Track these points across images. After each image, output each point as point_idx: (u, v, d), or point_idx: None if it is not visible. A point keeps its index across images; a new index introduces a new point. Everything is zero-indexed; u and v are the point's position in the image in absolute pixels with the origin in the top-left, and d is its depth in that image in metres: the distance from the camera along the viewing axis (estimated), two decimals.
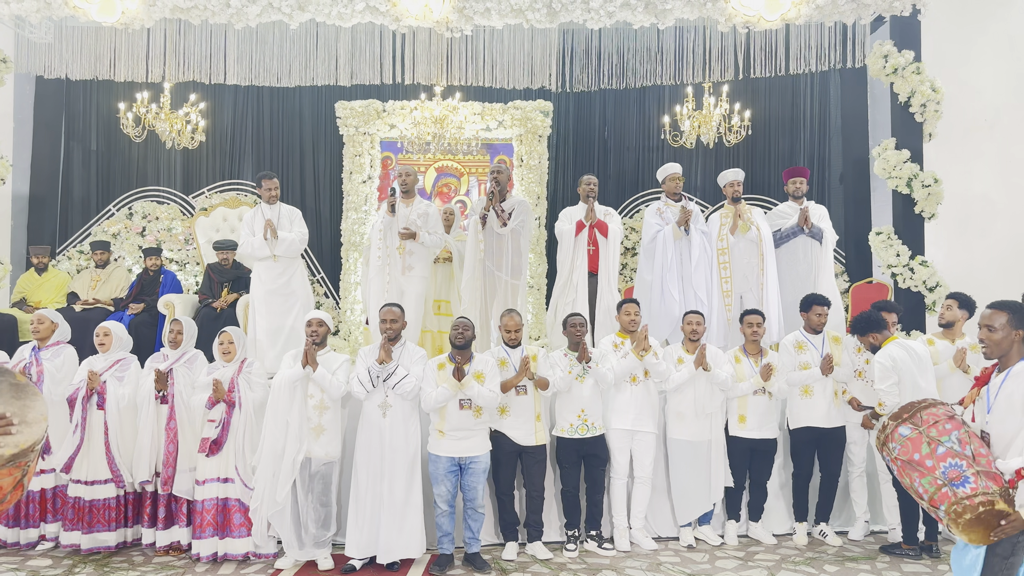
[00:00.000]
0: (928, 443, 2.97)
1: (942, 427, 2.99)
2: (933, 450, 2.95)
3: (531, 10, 6.46)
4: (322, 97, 8.66)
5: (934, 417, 3.03)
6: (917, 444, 2.99)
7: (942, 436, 2.96)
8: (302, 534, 4.75)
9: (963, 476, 2.86)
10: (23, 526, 4.93)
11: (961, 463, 2.89)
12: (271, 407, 4.78)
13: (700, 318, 5.40)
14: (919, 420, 3.04)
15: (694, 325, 5.35)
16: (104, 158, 8.75)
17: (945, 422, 3.00)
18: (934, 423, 3.01)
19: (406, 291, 5.98)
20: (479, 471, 4.79)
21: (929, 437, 2.98)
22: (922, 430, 3.01)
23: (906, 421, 3.07)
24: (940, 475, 2.90)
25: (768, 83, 8.48)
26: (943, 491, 2.88)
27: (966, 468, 2.87)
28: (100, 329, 5.14)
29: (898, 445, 3.06)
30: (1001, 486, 2.84)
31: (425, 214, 6.07)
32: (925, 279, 6.78)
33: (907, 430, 3.05)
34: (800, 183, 6.49)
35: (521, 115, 8.32)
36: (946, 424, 2.99)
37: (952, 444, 2.94)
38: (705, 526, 5.33)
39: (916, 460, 2.98)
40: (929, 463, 2.94)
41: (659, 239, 6.30)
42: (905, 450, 3.02)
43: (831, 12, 6.56)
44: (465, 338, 4.82)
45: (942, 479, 2.89)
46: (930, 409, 3.07)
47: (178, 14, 6.50)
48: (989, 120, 7.42)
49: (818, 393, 5.29)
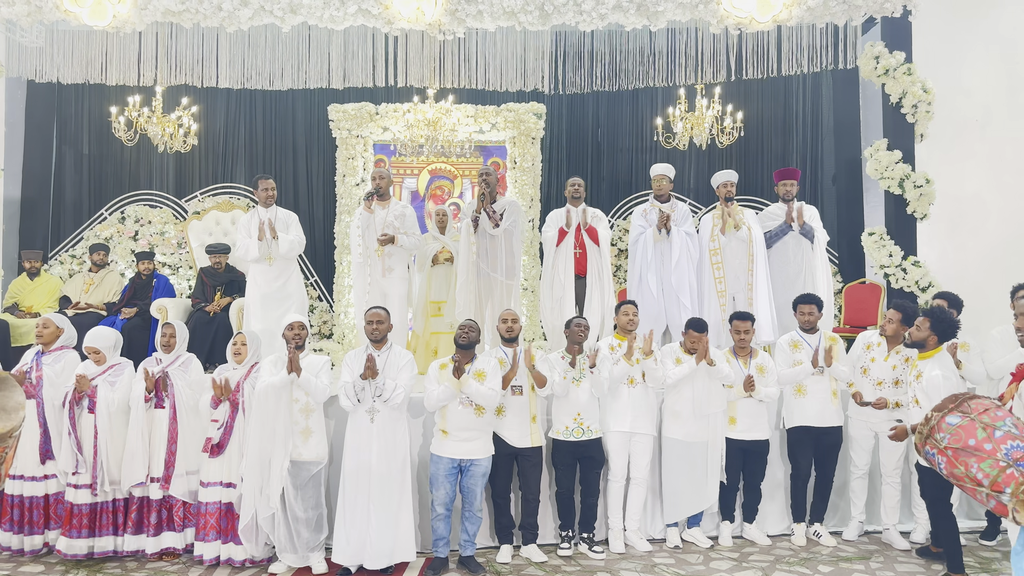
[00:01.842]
0: (983, 428, 2.95)
1: (993, 414, 2.97)
2: (990, 434, 2.92)
3: (523, 12, 6.47)
4: (315, 100, 8.66)
5: (983, 405, 3.02)
6: (971, 430, 2.97)
7: (996, 421, 2.95)
8: (295, 539, 4.73)
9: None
10: (27, 532, 4.89)
11: (1023, 444, 2.85)
12: (257, 414, 4.75)
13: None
14: (968, 408, 3.03)
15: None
16: (96, 162, 8.73)
17: (996, 410, 3.00)
18: (984, 410, 3.00)
19: (388, 293, 5.99)
20: (479, 474, 4.78)
21: (983, 423, 2.96)
22: (973, 417, 2.99)
23: (953, 411, 3.05)
24: (1003, 456, 2.87)
25: (760, 84, 8.50)
26: (1008, 472, 2.85)
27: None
28: (89, 350, 5.06)
29: (947, 435, 3.02)
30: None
31: (401, 215, 6.07)
32: (918, 279, 6.81)
33: (956, 419, 3.03)
34: (791, 185, 6.48)
35: (514, 117, 8.33)
36: (997, 412, 2.99)
37: (1009, 428, 2.92)
38: (695, 528, 5.31)
39: (972, 446, 2.94)
40: (988, 447, 2.91)
41: (640, 240, 6.34)
42: (957, 438, 2.99)
43: (822, 13, 6.59)
44: (469, 339, 4.82)
45: (1005, 460, 2.86)
46: (977, 399, 3.06)
47: (170, 17, 6.49)
48: (980, 120, 7.45)
49: (812, 392, 5.29)
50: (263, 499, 4.67)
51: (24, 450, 4.90)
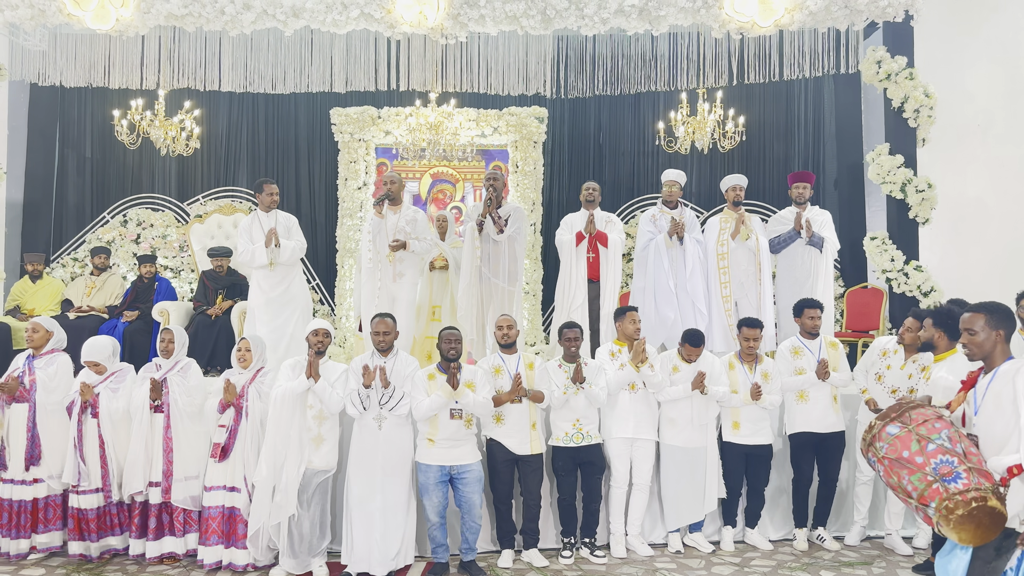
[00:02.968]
0: (918, 440, 2.96)
1: (931, 425, 2.98)
2: (923, 447, 2.93)
3: (525, 17, 6.48)
4: (317, 104, 8.66)
5: (923, 416, 3.03)
6: (906, 442, 2.98)
7: (932, 434, 2.95)
8: (296, 544, 4.72)
9: (955, 472, 2.85)
10: (13, 536, 4.87)
11: (952, 459, 2.87)
12: (272, 419, 4.74)
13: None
14: (907, 419, 3.04)
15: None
16: (99, 165, 8.74)
17: (935, 421, 3.00)
18: (923, 421, 3.01)
19: (397, 298, 5.95)
20: (473, 481, 4.76)
21: (919, 435, 2.97)
22: (911, 428, 3.00)
23: (894, 420, 3.06)
24: (931, 471, 2.88)
25: (762, 89, 8.51)
26: (934, 487, 2.86)
27: (957, 464, 2.86)
28: (87, 361, 5.02)
29: (886, 444, 3.04)
30: (992, 483, 2.83)
31: (413, 220, 6.03)
32: (920, 284, 6.80)
33: (895, 428, 3.04)
34: (804, 188, 6.47)
35: (516, 121, 8.33)
36: (935, 423, 2.99)
37: (942, 441, 2.93)
38: (697, 532, 5.30)
39: (905, 457, 2.96)
40: (919, 460, 2.92)
41: (651, 247, 6.30)
42: (893, 448, 3.01)
43: (824, 18, 6.59)
44: (458, 352, 4.79)
45: (932, 475, 2.88)
46: (919, 409, 3.07)
47: (172, 21, 6.50)
48: (982, 125, 7.45)
49: (814, 398, 5.28)
50: (275, 506, 4.66)
51: (13, 454, 4.91)
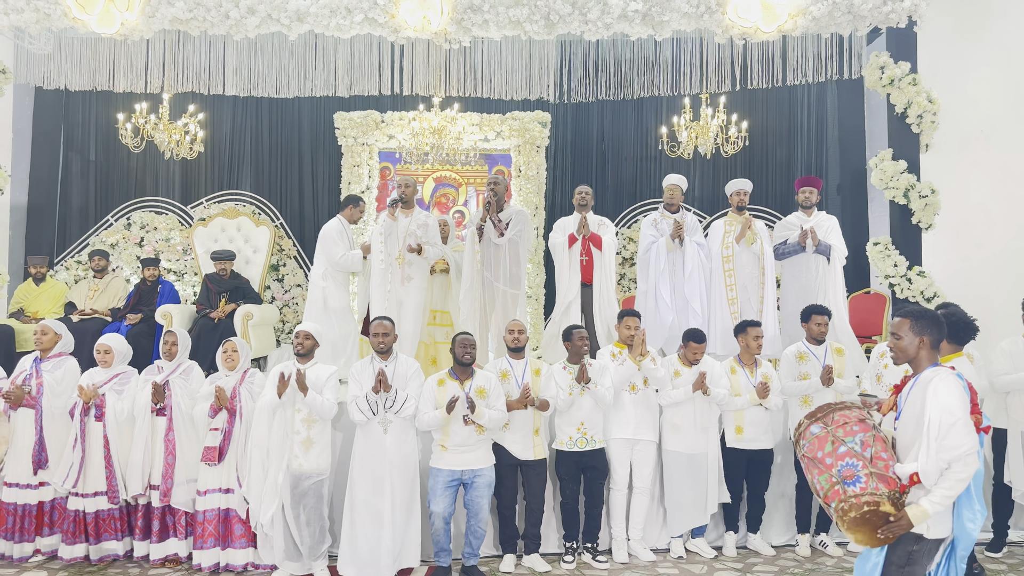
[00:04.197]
0: (832, 442, 3.05)
1: (849, 428, 3.07)
2: (835, 449, 3.03)
3: (529, 22, 6.49)
4: (320, 108, 8.68)
5: (844, 418, 3.11)
6: (823, 442, 3.08)
7: (847, 436, 3.04)
8: (296, 548, 4.72)
9: (856, 475, 2.94)
10: (17, 540, 4.88)
11: (857, 463, 2.96)
12: (254, 429, 4.78)
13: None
14: (830, 420, 3.13)
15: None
16: (103, 168, 8.75)
17: (854, 424, 3.08)
18: (843, 423, 3.09)
19: (405, 301, 5.96)
20: (483, 485, 4.75)
21: (835, 436, 3.06)
22: (830, 429, 3.10)
23: (818, 420, 3.16)
24: (835, 473, 2.99)
25: (765, 94, 8.51)
26: (835, 488, 2.97)
27: (860, 468, 2.95)
28: (100, 346, 5.11)
29: (807, 442, 3.15)
30: (892, 489, 2.90)
31: (424, 224, 6.06)
32: (923, 289, 6.79)
33: (817, 428, 3.14)
34: (810, 192, 6.51)
35: (519, 126, 8.34)
36: (854, 426, 3.07)
37: (854, 445, 3.01)
38: (699, 538, 5.30)
39: (818, 457, 3.07)
40: (828, 461, 3.03)
41: (653, 250, 6.35)
42: (812, 447, 3.11)
43: (827, 24, 6.60)
44: (472, 356, 4.82)
45: (836, 477, 2.98)
46: (843, 411, 3.15)
47: (177, 25, 6.52)
48: (985, 131, 7.44)
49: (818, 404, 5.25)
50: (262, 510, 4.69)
51: (20, 458, 4.92)
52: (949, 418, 2.84)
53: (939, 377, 2.95)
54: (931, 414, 2.87)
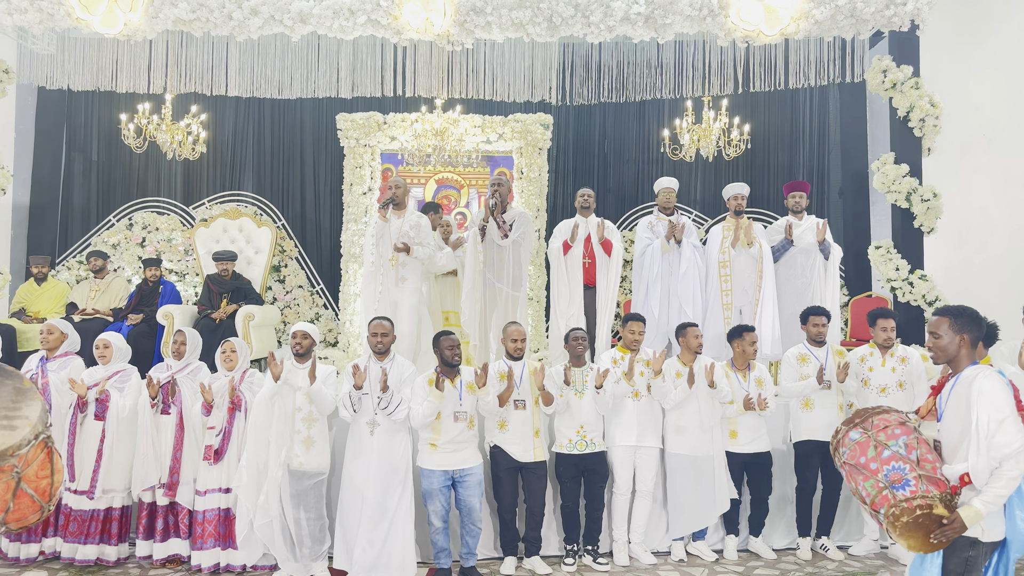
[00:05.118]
0: (875, 447, 3.00)
1: (891, 432, 3.01)
2: (879, 453, 2.97)
3: (531, 24, 6.49)
4: (323, 109, 8.69)
5: (884, 422, 3.06)
6: (864, 448, 3.02)
7: (889, 440, 2.99)
8: (296, 549, 4.71)
9: (904, 479, 2.88)
10: (24, 541, 4.86)
11: (904, 466, 2.90)
12: (253, 421, 4.77)
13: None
14: (869, 425, 3.08)
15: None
16: (105, 169, 8.76)
17: (895, 427, 3.03)
18: (884, 428, 3.04)
19: (399, 303, 5.93)
20: (474, 483, 4.76)
21: (877, 441, 3.01)
22: (871, 434, 3.04)
23: (857, 426, 3.11)
24: (882, 478, 2.92)
25: (767, 97, 8.51)
26: (884, 494, 2.90)
27: (908, 472, 2.89)
28: (100, 341, 5.13)
29: (847, 449, 3.09)
30: (943, 491, 2.84)
31: (417, 225, 6.05)
32: (924, 293, 6.78)
33: (857, 434, 3.08)
34: (800, 197, 6.53)
35: (521, 128, 8.34)
36: (895, 429, 3.02)
37: (898, 448, 2.96)
38: (700, 541, 5.29)
39: (862, 463, 3.00)
40: (873, 466, 2.96)
41: (648, 252, 6.36)
42: (853, 454, 3.05)
43: (830, 27, 6.60)
44: (460, 357, 4.84)
45: (884, 482, 2.91)
46: (882, 415, 3.11)
47: (180, 26, 6.52)
48: (987, 135, 7.45)
49: (820, 406, 5.27)
50: (259, 508, 4.65)
51: None
52: (998, 415, 2.79)
53: (982, 375, 2.89)
54: (979, 412, 2.82)
